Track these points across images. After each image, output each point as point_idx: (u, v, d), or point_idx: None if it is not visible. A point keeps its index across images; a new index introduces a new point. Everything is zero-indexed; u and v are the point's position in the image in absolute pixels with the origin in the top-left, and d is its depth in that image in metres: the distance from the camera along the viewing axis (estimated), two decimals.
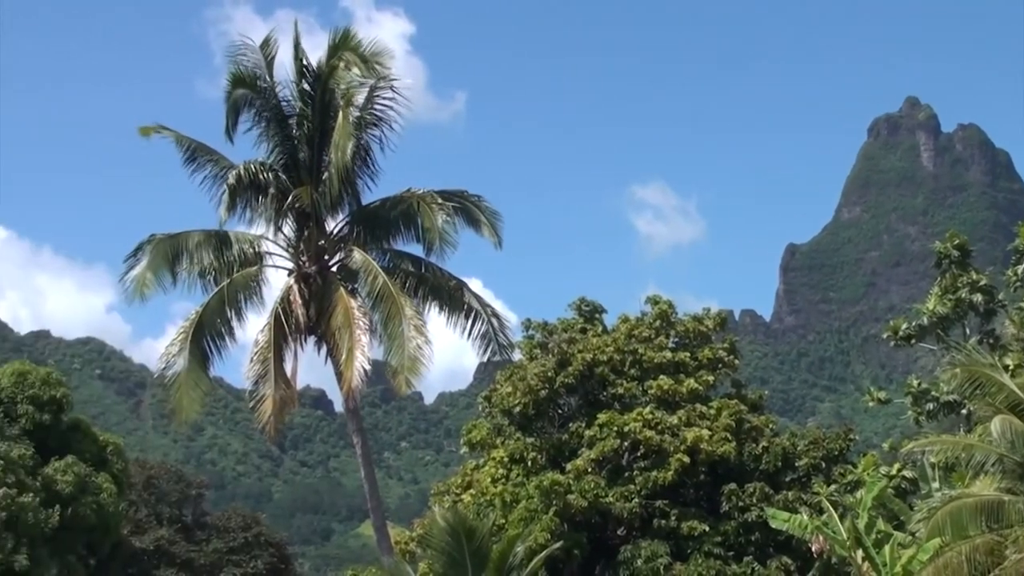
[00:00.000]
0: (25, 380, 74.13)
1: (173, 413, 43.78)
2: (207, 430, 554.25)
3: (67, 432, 75.50)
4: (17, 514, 66.49)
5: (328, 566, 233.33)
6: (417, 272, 45.13)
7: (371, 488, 45.42)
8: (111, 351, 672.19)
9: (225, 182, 43.15)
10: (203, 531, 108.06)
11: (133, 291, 43.22)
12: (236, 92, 43.96)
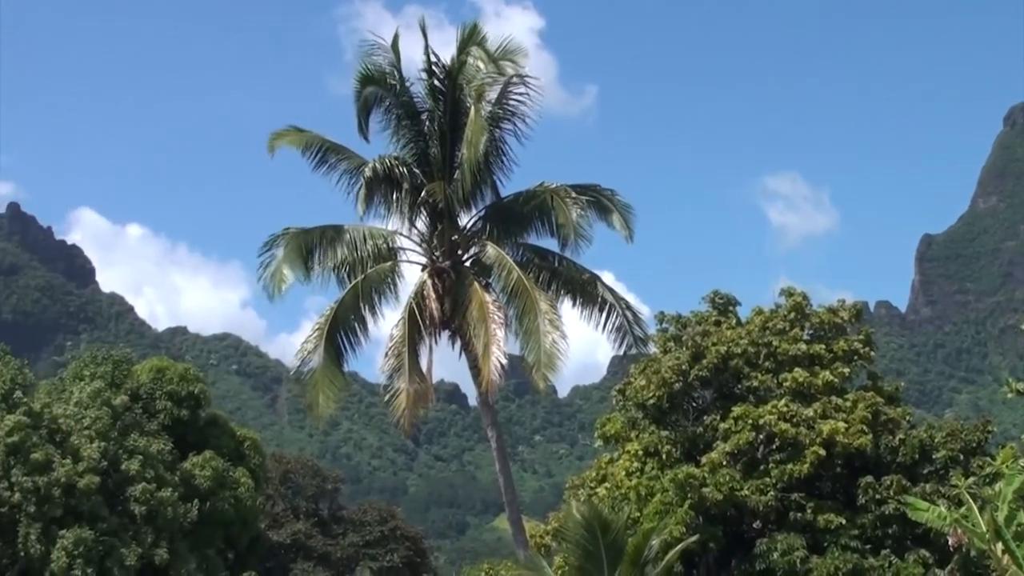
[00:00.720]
0: (163, 376, 75.12)
1: (309, 409, 44.11)
2: (343, 425, 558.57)
3: (205, 427, 76.44)
4: (157, 509, 67.35)
5: (463, 560, 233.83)
6: (551, 266, 45.02)
7: (506, 482, 45.39)
8: (247, 347, 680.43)
9: (361, 176, 43.36)
10: (339, 525, 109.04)
11: (269, 286, 43.59)
12: (366, 90, 44.12)
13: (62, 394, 72.60)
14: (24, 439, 64.55)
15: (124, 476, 67.52)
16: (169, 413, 73.88)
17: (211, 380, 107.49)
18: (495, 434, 44.91)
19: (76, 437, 66.73)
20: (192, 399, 75.48)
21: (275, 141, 44.59)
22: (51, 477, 64.26)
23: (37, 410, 66.57)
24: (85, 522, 64.94)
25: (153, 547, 66.84)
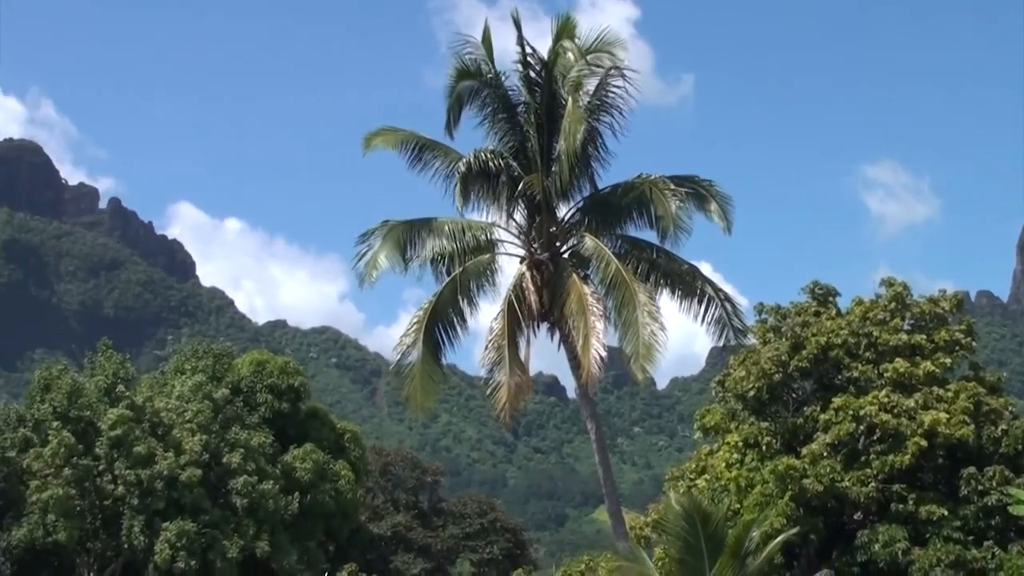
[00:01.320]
0: (264, 370, 75.76)
1: (408, 402, 44.20)
2: (442, 417, 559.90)
3: (305, 420, 77.00)
4: (258, 501, 67.94)
5: (563, 552, 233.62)
6: (649, 258, 44.76)
7: (605, 474, 45.29)
8: (346, 340, 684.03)
9: (457, 171, 43.39)
10: (439, 517, 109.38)
11: (364, 273, 43.72)
12: (460, 85, 44.09)
13: (164, 388, 73.45)
14: (127, 432, 65.33)
15: (226, 469, 68.16)
16: (270, 406, 74.49)
17: (311, 373, 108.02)
18: (594, 426, 44.80)
19: (178, 430, 67.47)
20: (292, 392, 76.04)
21: (370, 142, 44.71)
22: (154, 470, 65.01)
23: (139, 404, 67.36)
24: (187, 514, 65.64)
25: (255, 539, 67.43)
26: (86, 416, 66.81)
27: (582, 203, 44.66)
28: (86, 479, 65.00)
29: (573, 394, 53.51)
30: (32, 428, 67.96)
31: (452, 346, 44.40)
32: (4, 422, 69.29)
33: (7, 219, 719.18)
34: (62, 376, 68.18)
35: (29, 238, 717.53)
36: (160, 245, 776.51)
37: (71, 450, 64.67)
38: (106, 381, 68.40)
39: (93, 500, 65.43)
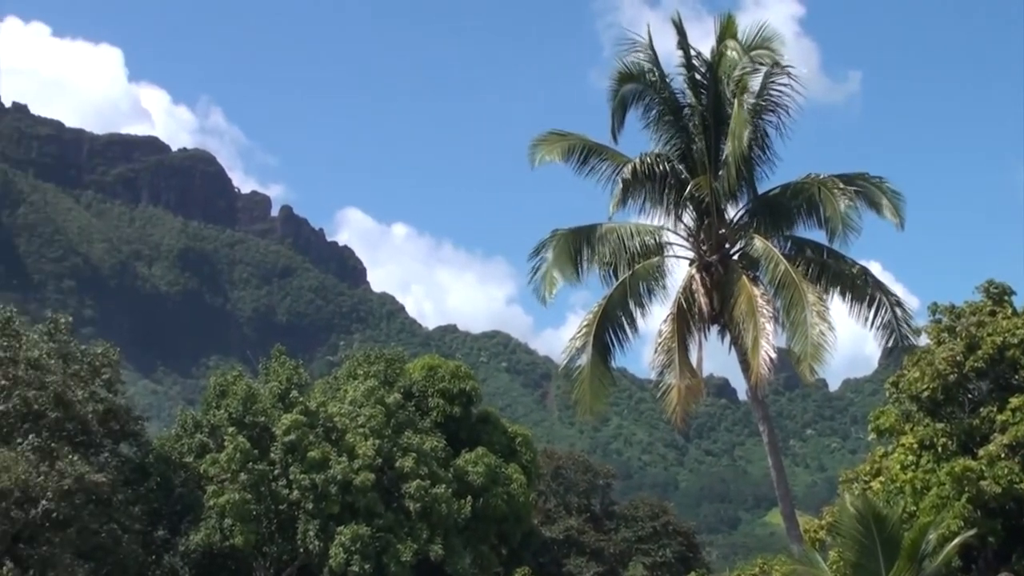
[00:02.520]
0: (435, 374, 76.22)
1: (578, 405, 44.21)
2: (612, 420, 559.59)
3: (477, 424, 77.31)
4: (431, 505, 68.36)
5: (736, 555, 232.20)
6: (819, 259, 44.31)
7: (779, 476, 44.90)
8: (516, 343, 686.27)
9: (620, 176, 43.34)
10: (611, 520, 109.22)
11: (542, 291, 43.86)
12: (623, 88, 44.01)
13: (337, 393, 74.25)
14: (301, 437, 66.15)
15: (399, 473, 68.70)
16: (441, 411, 74.91)
17: (481, 377, 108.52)
18: (766, 428, 44.44)
19: (351, 435, 68.15)
20: (464, 396, 76.39)
21: (536, 152, 44.80)
22: (328, 474, 65.73)
23: (313, 409, 68.16)
24: (362, 518, 66.26)
25: (428, 543, 67.85)
26: (261, 422, 67.78)
27: (750, 204, 44.34)
28: (262, 484, 65.93)
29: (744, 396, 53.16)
30: (208, 434, 69.10)
31: (622, 349, 44.38)
32: (181, 428, 70.55)
33: (182, 228, 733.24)
34: (237, 382, 69.23)
35: (203, 246, 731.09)
36: (331, 251, 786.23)
37: (247, 455, 65.63)
38: (280, 387, 69.32)
39: (269, 504, 66.33)
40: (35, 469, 54.19)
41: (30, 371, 58.27)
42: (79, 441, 60.95)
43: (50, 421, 58.35)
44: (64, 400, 58.74)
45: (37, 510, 54.27)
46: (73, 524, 56.40)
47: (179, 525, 66.73)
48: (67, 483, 54.92)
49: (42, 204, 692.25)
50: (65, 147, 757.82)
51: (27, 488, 53.79)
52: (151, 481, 66.37)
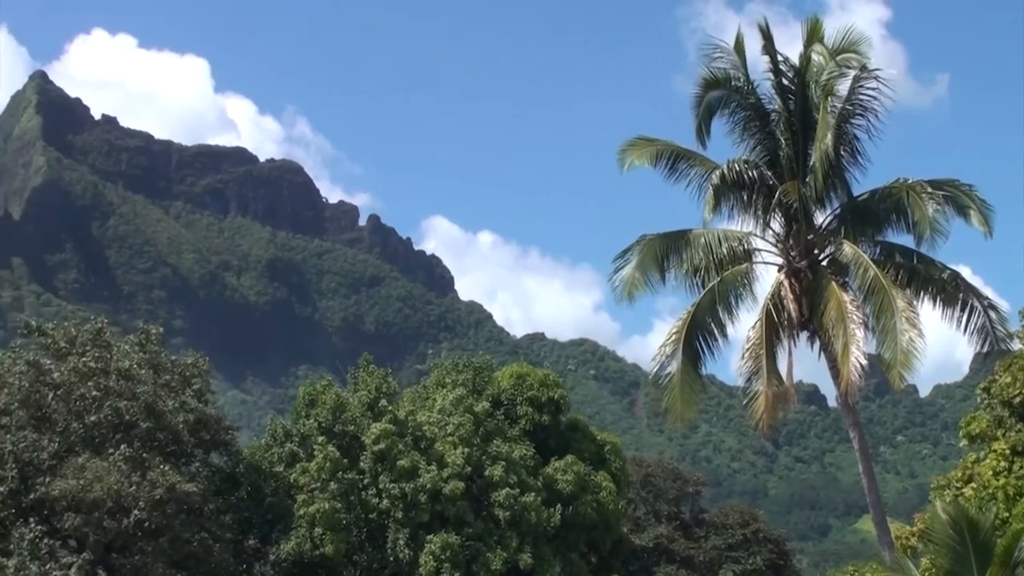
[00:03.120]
0: (524, 382, 76.11)
1: (668, 413, 44.02)
2: (701, 427, 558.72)
3: (566, 432, 77.13)
4: (520, 513, 68.27)
5: (826, 562, 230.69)
6: (908, 264, 43.90)
7: (869, 483, 44.55)
8: (604, 351, 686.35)
9: (709, 183, 43.14)
10: (701, 528, 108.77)
11: (621, 291, 43.76)
12: (709, 94, 43.86)
13: (425, 401, 74.35)
14: (391, 446, 66.26)
15: (488, 481, 68.65)
16: (530, 419, 74.79)
17: (569, 385, 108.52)
18: (857, 435, 44.09)
19: (440, 444, 68.19)
20: (552, 404, 76.25)
21: (625, 157, 44.68)
22: (417, 483, 65.80)
23: (402, 418, 68.25)
24: (451, 527, 66.27)
25: (518, 551, 67.77)
26: (350, 431, 67.95)
27: (839, 209, 44.02)
28: (351, 493, 66.07)
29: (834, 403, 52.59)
30: (298, 443, 69.33)
31: (712, 355, 44.21)
32: (272, 437, 70.85)
33: (270, 238, 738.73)
34: (326, 392, 69.44)
35: (291, 256, 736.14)
36: (419, 260, 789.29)
37: (336, 464, 65.79)
38: (369, 396, 69.46)
39: (359, 513, 66.45)
40: (127, 479, 54.59)
41: (121, 382, 58.73)
42: (170, 451, 61.37)
43: (141, 431, 58.77)
44: (155, 410, 59.16)
45: (129, 520, 54.68)
46: (165, 533, 56.79)
47: (270, 534, 66.98)
48: (159, 493, 55.28)
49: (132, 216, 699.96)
50: (154, 159, 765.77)
51: (119, 498, 54.20)
52: (242, 490, 66.71)
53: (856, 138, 43.44)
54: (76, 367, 58.13)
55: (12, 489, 54.76)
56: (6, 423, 57.04)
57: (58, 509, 54.65)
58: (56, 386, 57.60)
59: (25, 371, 57.66)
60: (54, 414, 57.93)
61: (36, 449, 55.90)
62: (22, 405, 57.32)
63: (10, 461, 54.83)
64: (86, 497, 53.58)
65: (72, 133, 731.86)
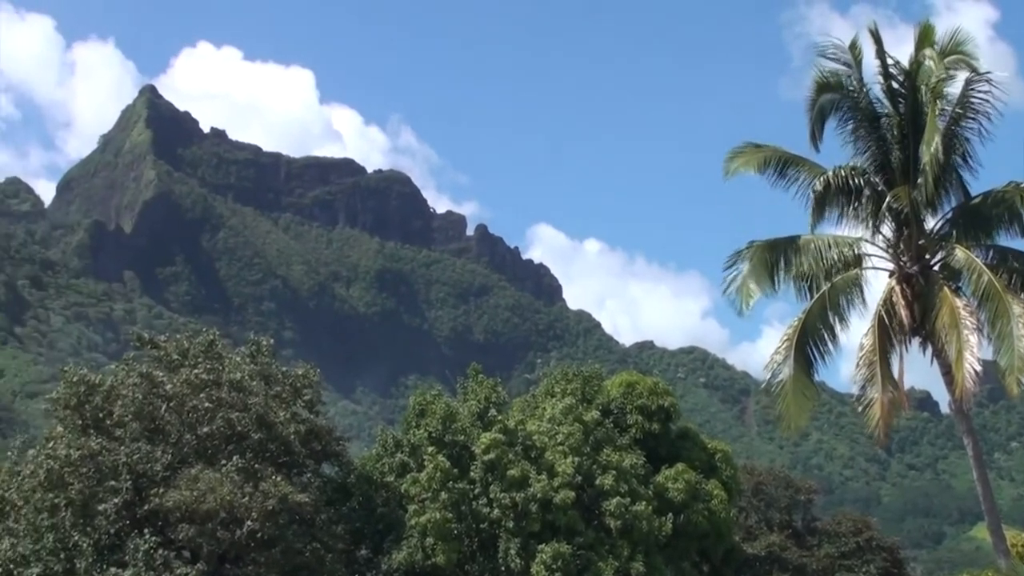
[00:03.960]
0: (633, 391, 75.75)
1: (781, 420, 43.70)
2: (812, 435, 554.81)
3: (676, 440, 76.68)
4: (632, 522, 67.94)
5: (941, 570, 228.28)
6: (1022, 268, 43.31)
7: (984, 490, 43.97)
8: (713, 359, 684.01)
9: (812, 189, 42.85)
10: (813, 536, 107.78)
11: (738, 302, 43.52)
12: (822, 98, 43.61)
13: (535, 411, 74.21)
14: (500, 456, 66.20)
15: (598, 490, 68.41)
16: (640, 427, 74.42)
17: (679, 393, 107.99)
18: (971, 441, 43.54)
19: (550, 453, 68.05)
20: (662, 413, 75.81)
21: (731, 164, 44.45)
22: (528, 493, 65.69)
23: (511, 427, 68.17)
24: (562, 536, 66.08)
25: (629, 560, 67.45)
26: (460, 440, 67.92)
27: (950, 213, 43.61)
28: (462, 503, 66.03)
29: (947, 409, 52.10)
30: (409, 453, 69.41)
31: (823, 362, 43.88)
32: (382, 448, 71.02)
33: (379, 249, 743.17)
34: (436, 401, 69.47)
35: (400, 267, 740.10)
36: (527, 270, 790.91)
37: (447, 474, 65.80)
38: (478, 406, 69.41)
39: (470, 523, 66.40)
40: (240, 490, 54.94)
41: (233, 393, 59.12)
42: (282, 462, 61.69)
43: (253, 442, 59.13)
44: (266, 421, 59.52)
45: (242, 530, 55.00)
46: (278, 544, 57.04)
47: (381, 544, 67.08)
48: (271, 503, 55.57)
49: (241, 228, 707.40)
50: (263, 171, 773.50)
51: (232, 509, 54.55)
52: (353, 501, 66.86)
53: (967, 141, 43.00)
54: (188, 379, 58.63)
55: (127, 500, 55.25)
56: (120, 435, 57.62)
57: (172, 520, 55.08)
58: (169, 398, 58.11)
59: (138, 383, 58.23)
60: (167, 426, 58.46)
61: (150, 461, 56.39)
62: (135, 417, 57.87)
63: (124, 473, 55.34)
64: (199, 508, 54.00)
65: (182, 146, 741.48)
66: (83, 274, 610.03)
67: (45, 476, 54.86)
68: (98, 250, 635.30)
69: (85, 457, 54.87)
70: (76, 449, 54.95)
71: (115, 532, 54.79)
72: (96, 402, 58.60)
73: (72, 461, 54.75)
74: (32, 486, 55.47)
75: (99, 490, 54.67)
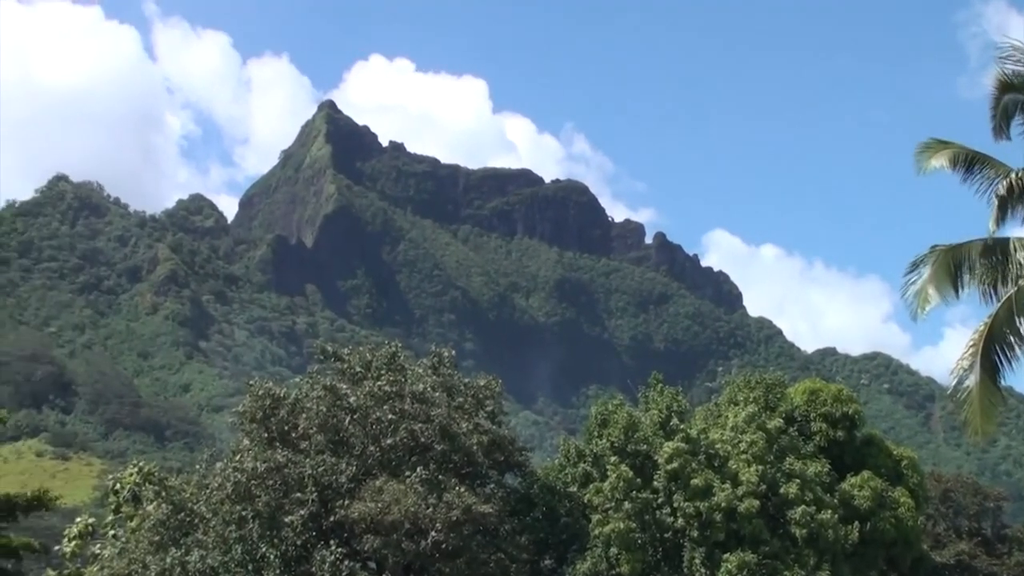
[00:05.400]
0: (817, 398, 75.03)
1: (967, 427, 42.88)
2: (1000, 440, 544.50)
3: (861, 448, 75.76)
4: (817, 531, 67.26)
5: None
6: None
7: None
8: (897, 365, 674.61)
9: (995, 193, 42.04)
10: (1004, 544, 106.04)
11: (915, 307, 42.81)
12: (1005, 97, 42.67)
13: (717, 419, 73.82)
14: (684, 465, 65.95)
15: (783, 499, 67.83)
16: (824, 435, 73.68)
17: (863, 400, 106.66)
18: None
19: (734, 461, 67.64)
20: (847, 420, 74.95)
21: (922, 157, 43.70)
22: (712, 502, 65.35)
23: (694, 436, 67.88)
24: (747, 545, 65.64)
25: (815, 569, 66.78)
26: (643, 450, 67.79)
27: None
28: (646, 512, 65.91)
29: None
30: (591, 463, 69.45)
31: (1011, 367, 42.90)
32: (565, 457, 71.16)
33: (557, 259, 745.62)
34: (618, 411, 69.41)
35: (579, 276, 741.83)
36: (706, 277, 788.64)
37: (630, 484, 65.73)
38: (660, 415, 69.24)
39: (653, 533, 66.25)
40: (424, 501, 55.38)
41: (416, 405, 59.65)
42: (465, 472, 62.11)
43: (437, 453, 59.61)
44: (449, 432, 59.92)
45: (427, 541, 55.43)
46: (462, 555, 57.40)
47: (565, 554, 67.22)
48: (455, 514, 55.92)
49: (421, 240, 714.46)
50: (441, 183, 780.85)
51: (417, 520, 55.01)
52: (537, 511, 67.02)
53: None
54: (372, 391, 59.27)
55: (312, 512, 56.02)
56: (305, 447, 58.46)
57: (357, 531, 55.72)
58: (353, 410, 58.81)
59: (322, 396, 59.03)
60: (351, 438, 59.17)
61: (335, 472, 57.11)
62: (320, 429, 58.68)
63: (310, 484, 56.10)
64: (384, 519, 54.52)
65: (361, 160, 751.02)
66: (266, 288, 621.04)
67: (232, 489, 55.86)
68: (280, 264, 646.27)
69: (271, 469, 55.80)
70: (262, 462, 55.90)
71: (301, 543, 55.60)
72: (281, 415, 59.60)
73: (259, 474, 55.70)
74: (220, 498, 56.49)
75: (285, 502, 55.54)
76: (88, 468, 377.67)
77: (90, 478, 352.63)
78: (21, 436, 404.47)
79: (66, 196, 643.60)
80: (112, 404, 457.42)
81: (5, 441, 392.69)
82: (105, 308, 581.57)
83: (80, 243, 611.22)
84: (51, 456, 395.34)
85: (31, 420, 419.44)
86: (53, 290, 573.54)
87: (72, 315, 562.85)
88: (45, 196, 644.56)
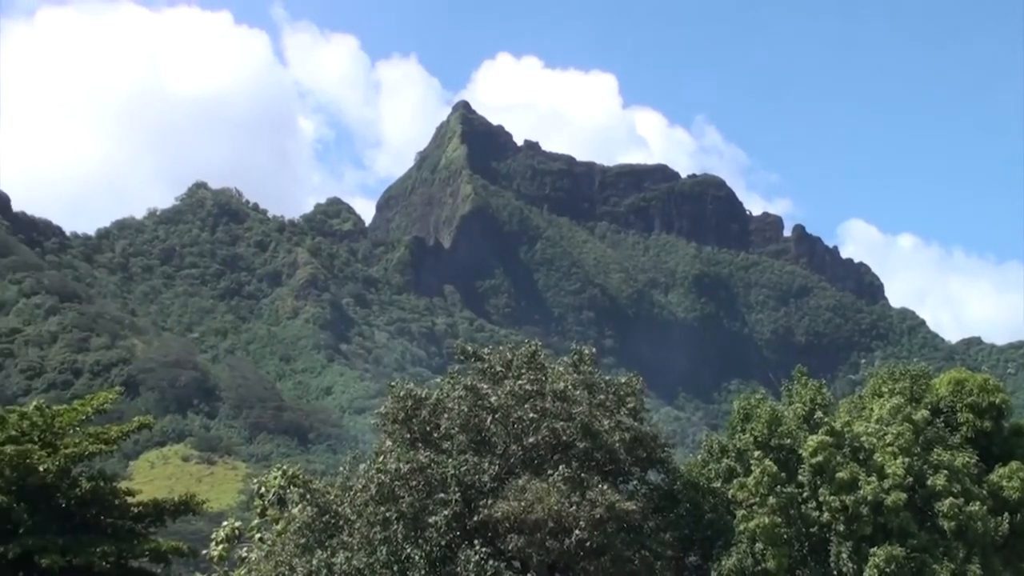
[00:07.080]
0: (962, 388, 73.93)
1: None
2: None
3: (1009, 438, 74.55)
4: (966, 523, 66.27)
5: None
6: None
7: None
8: None
9: None
10: None
11: None
12: None
13: (862, 412, 73.02)
14: (828, 458, 65.31)
15: (930, 491, 66.93)
16: (971, 425, 72.60)
17: (1010, 389, 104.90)
18: None
19: (879, 454, 66.85)
20: (994, 410, 73.81)
21: None
22: (858, 495, 64.63)
23: (838, 429, 67.19)
24: (895, 539, 64.83)
25: (965, 563, 65.81)
26: (787, 444, 67.20)
27: None
28: (791, 507, 65.34)
29: None
30: (735, 458, 69.00)
31: None
32: (708, 453, 70.73)
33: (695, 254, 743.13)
34: (761, 405, 68.87)
35: (718, 271, 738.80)
36: (846, 269, 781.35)
37: (774, 478, 65.20)
38: (804, 408, 68.61)
39: (799, 527, 65.65)
40: (567, 499, 55.28)
41: (557, 403, 59.58)
42: (608, 470, 61.95)
43: (579, 451, 59.50)
44: (591, 430, 59.77)
45: (571, 539, 55.33)
46: (606, 553, 57.22)
47: (710, 551, 66.81)
48: (599, 512, 55.76)
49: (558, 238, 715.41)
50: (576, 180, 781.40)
51: (560, 518, 54.93)
52: (680, 507, 66.69)
53: None
54: (513, 390, 59.31)
55: (456, 512, 56.13)
56: (447, 448, 58.63)
57: (501, 531, 55.77)
58: (494, 409, 58.89)
59: (464, 396, 59.20)
60: (493, 437, 59.25)
61: (477, 472, 57.18)
62: (462, 429, 58.84)
63: (453, 484, 56.23)
64: (527, 518, 54.52)
65: (496, 160, 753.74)
66: (405, 290, 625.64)
67: (376, 490, 56.18)
68: (418, 266, 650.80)
69: (415, 470, 56.00)
70: (406, 463, 56.12)
71: (446, 544, 55.74)
72: (423, 416, 59.82)
73: (402, 475, 55.94)
74: (364, 500, 56.83)
75: (429, 502, 55.72)
76: (233, 472, 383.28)
77: (235, 482, 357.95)
78: (167, 441, 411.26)
79: (206, 203, 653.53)
80: (255, 408, 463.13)
81: (152, 446, 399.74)
82: (247, 313, 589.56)
83: (220, 249, 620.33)
84: (197, 460, 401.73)
85: (177, 425, 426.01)
86: (195, 296, 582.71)
87: (214, 320, 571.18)
88: (185, 203, 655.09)
